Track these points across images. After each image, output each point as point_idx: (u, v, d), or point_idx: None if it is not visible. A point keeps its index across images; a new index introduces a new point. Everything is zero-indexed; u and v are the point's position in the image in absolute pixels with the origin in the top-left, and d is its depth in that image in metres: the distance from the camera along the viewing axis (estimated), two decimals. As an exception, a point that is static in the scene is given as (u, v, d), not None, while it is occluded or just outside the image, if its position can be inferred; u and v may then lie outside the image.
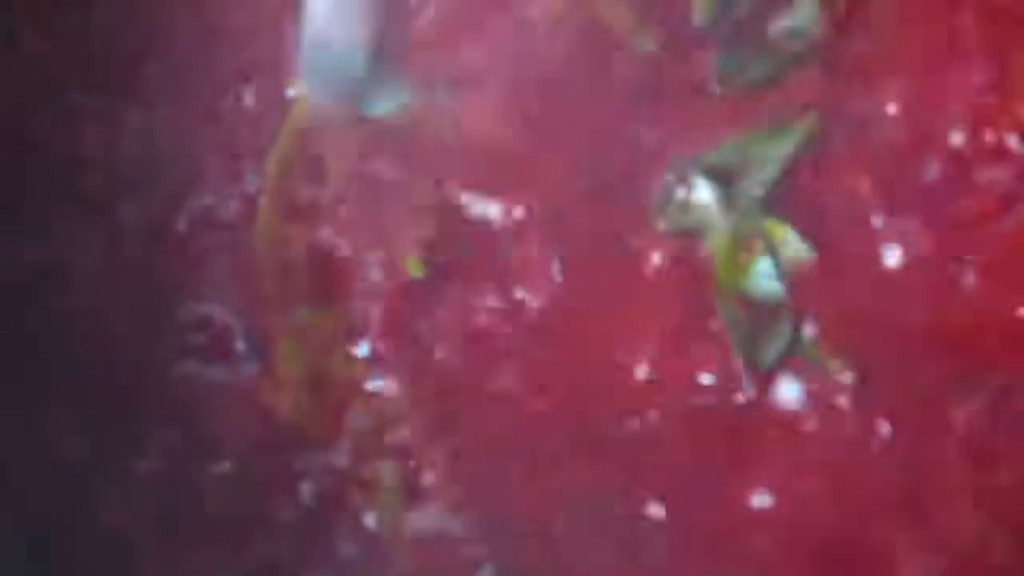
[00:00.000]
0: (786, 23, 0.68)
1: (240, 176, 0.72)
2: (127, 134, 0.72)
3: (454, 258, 0.70)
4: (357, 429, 0.70)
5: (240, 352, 0.71)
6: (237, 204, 0.72)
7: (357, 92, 0.70)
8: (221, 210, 0.72)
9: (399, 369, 0.70)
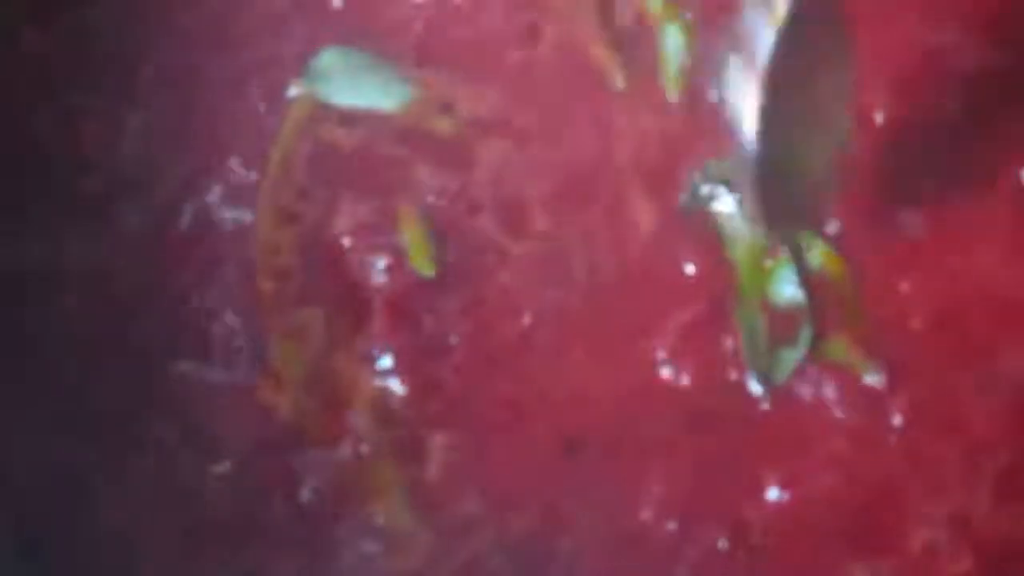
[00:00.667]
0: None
1: (240, 176, 0.71)
2: (127, 134, 0.72)
3: (464, 257, 0.70)
4: (359, 429, 0.69)
5: (239, 352, 0.70)
6: (236, 204, 0.71)
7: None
8: (221, 210, 0.71)
9: (404, 369, 0.69)
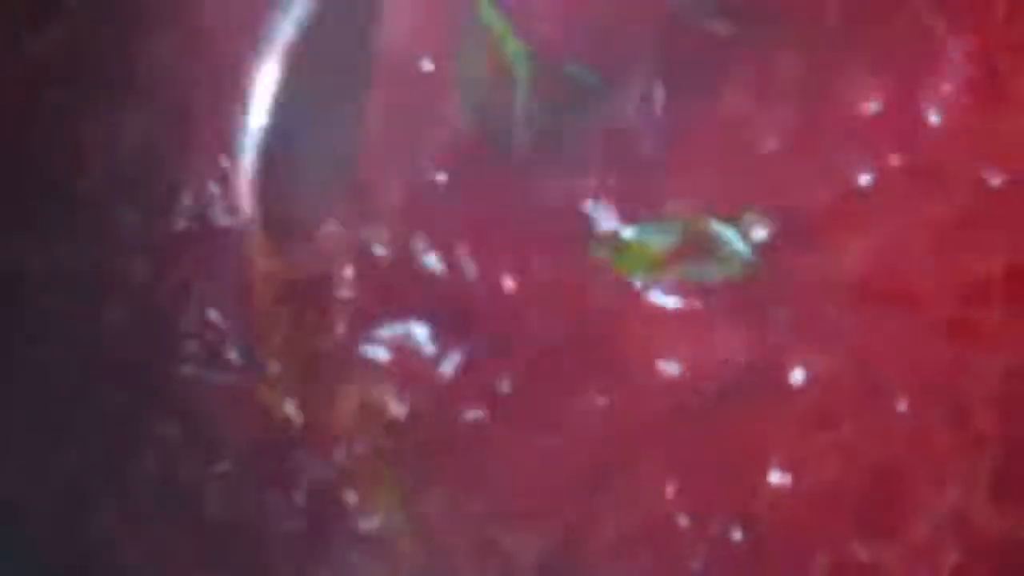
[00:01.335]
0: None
1: (239, 175, 0.71)
2: (127, 134, 0.72)
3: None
4: (357, 430, 0.69)
5: (239, 352, 0.70)
6: (235, 204, 0.71)
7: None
8: (220, 210, 0.71)
9: (401, 372, 0.70)
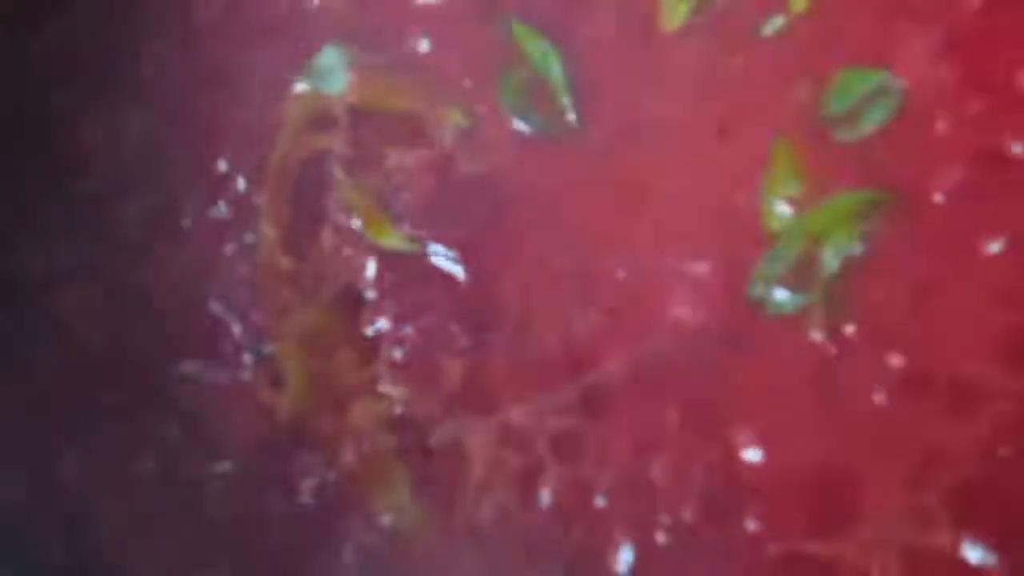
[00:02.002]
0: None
1: (240, 177, 0.72)
2: (127, 134, 0.72)
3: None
4: (362, 429, 0.69)
5: (240, 352, 0.70)
6: (236, 204, 0.72)
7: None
8: (220, 210, 0.72)
9: (409, 372, 0.70)
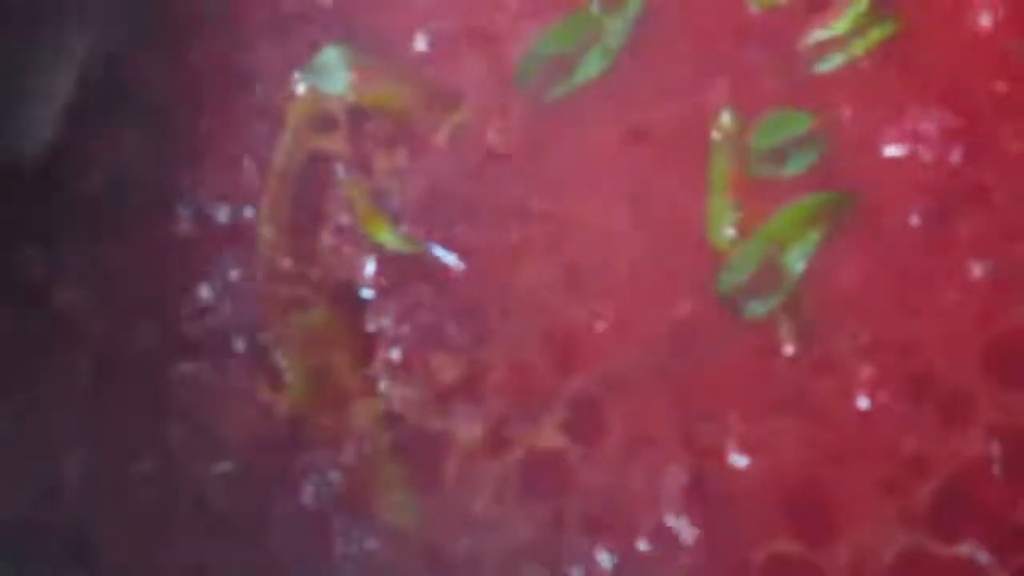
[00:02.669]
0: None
1: (240, 177, 0.72)
2: (128, 134, 0.72)
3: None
4: (361, 428, 0.69)
5: (241, 352, 0.70)
6: (237, 204, 0.72)
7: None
8: (221, 210, 0.72)
9: (407, 371, 0.70)
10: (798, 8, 0.71)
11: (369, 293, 0.71)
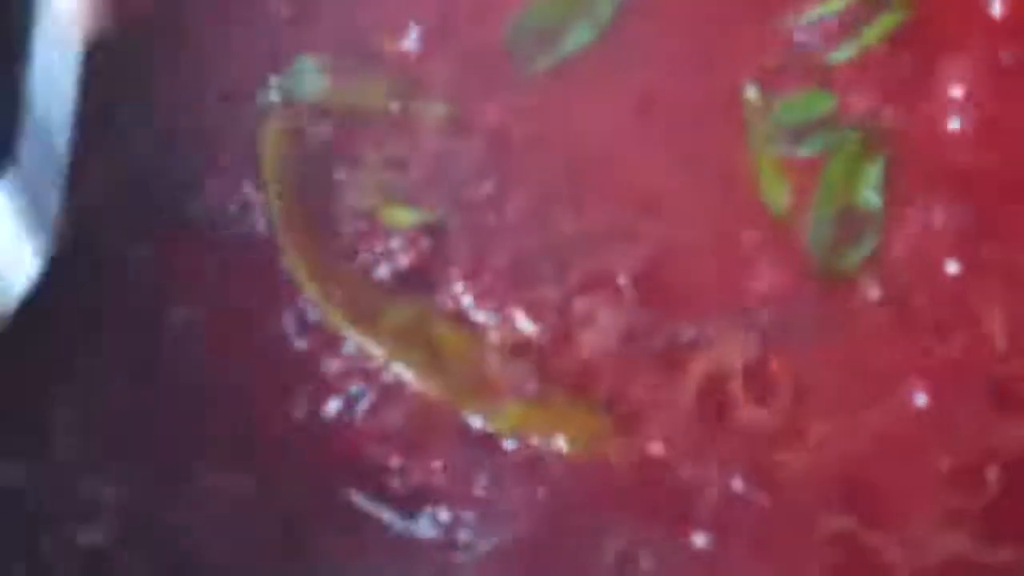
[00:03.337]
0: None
1: (241, 177, 0.71)
2: (130, 134, 0.72)
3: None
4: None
5: (241, 352, 0.70)
6: (238, 204, 0.71)
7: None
8: (222, 210, 0.71)
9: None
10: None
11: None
